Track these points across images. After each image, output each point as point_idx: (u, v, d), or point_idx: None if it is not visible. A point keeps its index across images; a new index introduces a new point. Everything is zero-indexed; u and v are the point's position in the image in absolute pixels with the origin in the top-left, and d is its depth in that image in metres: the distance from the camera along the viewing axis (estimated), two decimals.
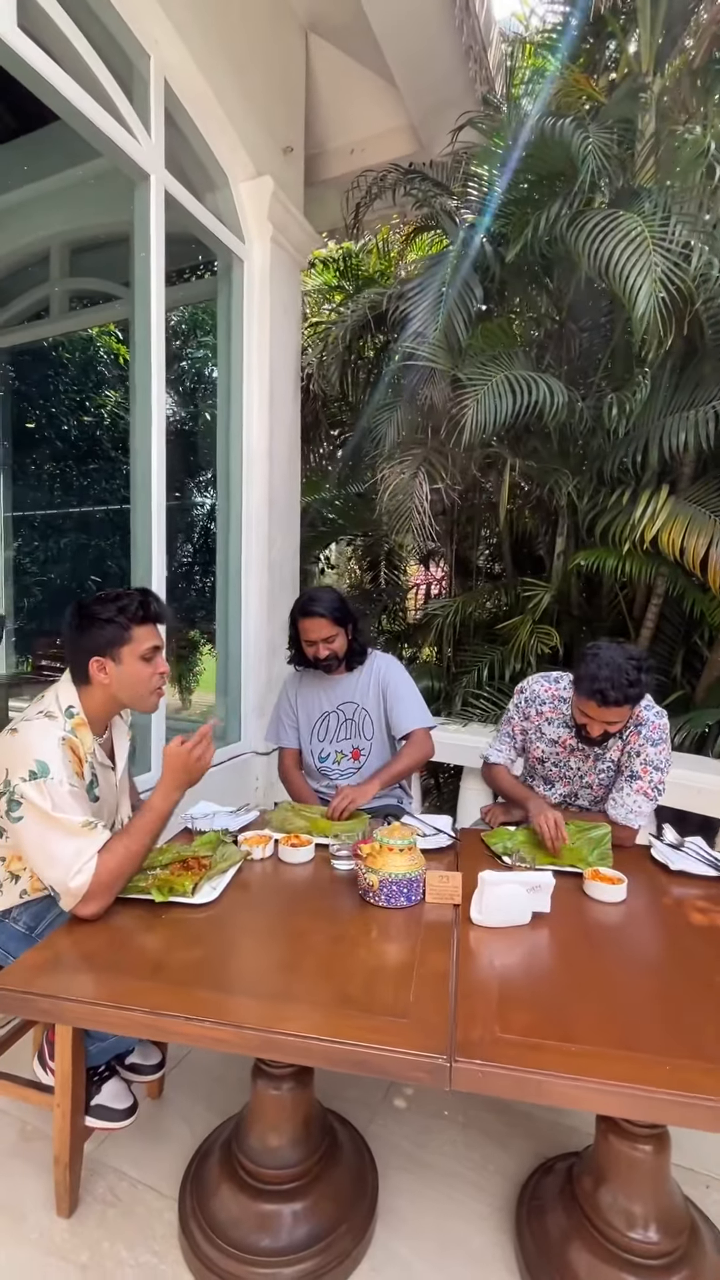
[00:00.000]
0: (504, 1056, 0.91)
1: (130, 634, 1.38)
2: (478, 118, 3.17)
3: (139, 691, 1.43)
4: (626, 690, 1.57)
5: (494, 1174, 1.57)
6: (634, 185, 2.51)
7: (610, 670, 1.57)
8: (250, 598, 3.40)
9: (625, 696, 1.57)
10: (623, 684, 1.56)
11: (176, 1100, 1.77)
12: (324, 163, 4.04)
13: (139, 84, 2.59)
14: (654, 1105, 0.85)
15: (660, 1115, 0.86)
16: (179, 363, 5.25)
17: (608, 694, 1.57)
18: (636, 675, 1.58)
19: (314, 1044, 0.94)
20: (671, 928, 1.31)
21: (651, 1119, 0.86)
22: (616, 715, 1.62)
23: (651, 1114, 0.86)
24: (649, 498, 2.80)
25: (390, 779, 1.98)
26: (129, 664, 1.39)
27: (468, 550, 4.61)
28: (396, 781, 2.04)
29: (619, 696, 1.57)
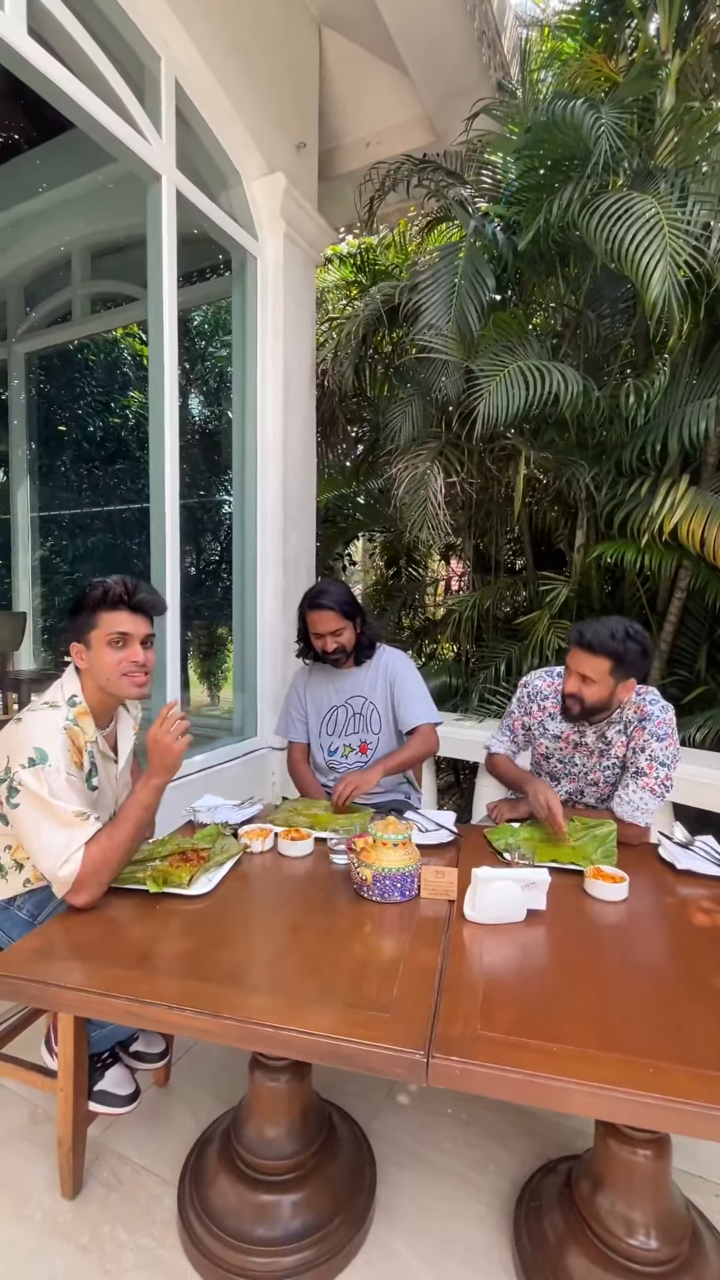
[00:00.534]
0: (483, 1054, 0.90)
1: (96, 619, 1.39)
2: (492, 105, 3.12)
3: (108, 676, 1.41)
4: (606, 640, 1.59)
5: (494, 1173, 1.55)
6: (650, 166, 2.44)
7: (600, 623, 1.63)
8: (266, 594, 3.42)
9: (601, 644, 1.60)
10: (604, 634, 1.60)
11: (182, 1089, 1.79)
12: (340, 157, 4.03)
13: (150, 85, 2.61)
14: (634, 1108, 0.83)
15: (640, 1118, 0.83)
16: (197, 361, 5.30)
17: (585, 634, 1.62)
18: (623, 636, 1.60)
19: (293, 1036, 0.94)
20: (673, 928, 1.27)
21: (631, 1122, 0.84)
22: (588, 664, 1.63)
23: (631, 1117, 0.83)
24: (668, 488, 2.73)
25: (393, 767, 1.97)
26: (97, 649, 1.40)
27: (488, 545, 4.56)
28: (400, 770, 2.02)
29: (594, 640, 1.60)
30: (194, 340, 5.22)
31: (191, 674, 5.89)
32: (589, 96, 2.47)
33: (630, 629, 1.63)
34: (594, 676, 1.64)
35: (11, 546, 5.02)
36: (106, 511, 5.63)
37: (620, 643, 1.60)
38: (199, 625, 5.80)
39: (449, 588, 5.54)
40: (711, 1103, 0.81)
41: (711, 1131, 0.82)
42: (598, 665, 1.63)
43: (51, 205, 3.98)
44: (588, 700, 1.68)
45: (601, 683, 1.65)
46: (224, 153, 3.01)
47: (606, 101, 2.41)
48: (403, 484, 3.34)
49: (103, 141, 2.41)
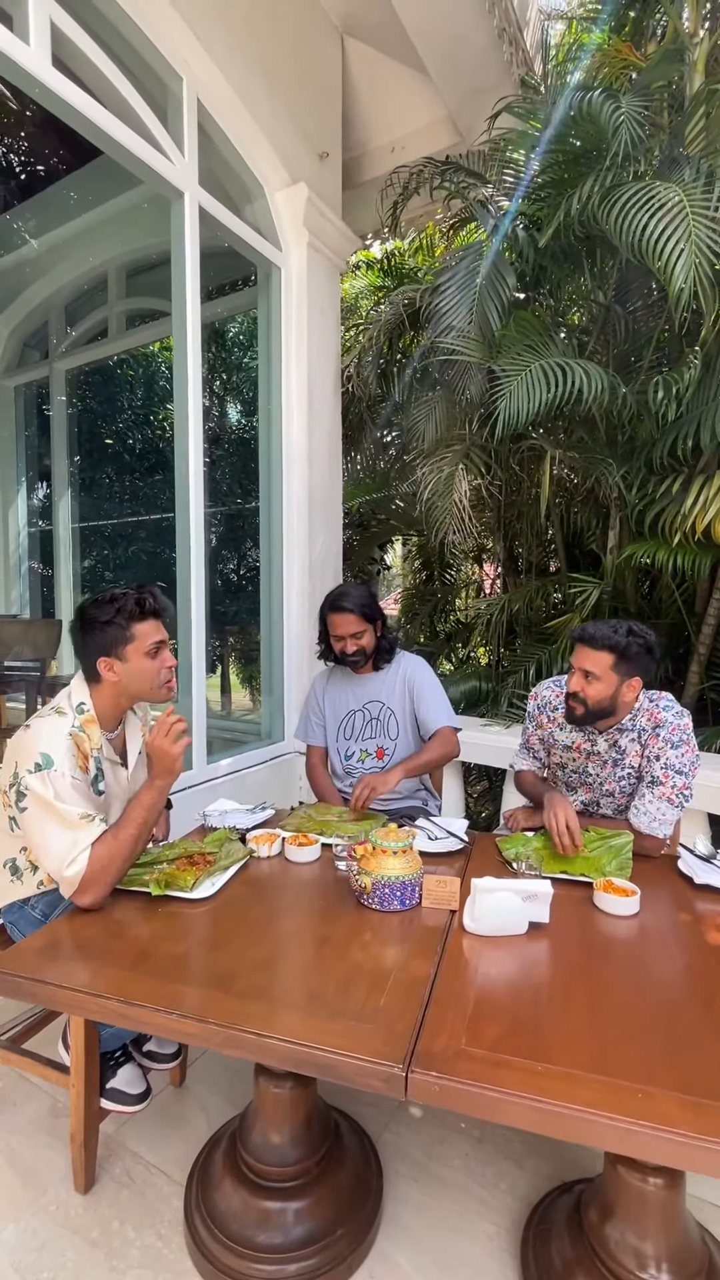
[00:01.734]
0: (463, 1070, 0.88)
1: (131, 632, 1.43)
2: (514, 102, 3.07)
3: (148, 684, 1.49)
4: (608, 634, 1.59)
5: (505, 1192, 1.51)
6: (675, 154, 2.36)
7: (601, 621, 1.65)
8: (292, 599, 3.45)
9: (603, 637, 1.60)
10: (606, 629, 1.61)
11: (197, 1089, 1.81)
12: (366, 163, 4.04)
13: (172, 105, 2.68)
14: (615, 1134, 0.79)
15: (622, 1145, 0.79)
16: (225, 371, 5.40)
17: (587, 629, 1.63)
18: (626, 632, 1.60)
19: (273, 1043, 0.94)
20: (683, 946, 1.22)
21: (613, 1149, 0.80)
22: (590, 660, 1.62)
23: (613, 1143, 0.79)
24: (701, 485, 2.62)
25: (414, 769, 1.95)
26: (135, 660, 1.44)
27: (519, 546, 4.48)
28: (421, 772, 2.00)
29: (595, 634, 1.61)
30: (221, 350, 5.32)
31: (220, 678, 5.99)
32: (611, 87, 2.40)
33: (633, 626, 1.61)
34: (596, 671, 1.62)
35: (54, 556, 5.21)
36: (144, 521, 5.79)
37: (623, 636, 1.59)
38: (227, 630, 5.90)
39: (480, 590, 5.47)
40: (698, 1133, 0.77)
41: (694, 1162, 0.77)
42: (600, 659, 1.61)
43: (88, 227, 4.14)
44: (591, 699, 1.64)
45: (605, 678, 1.62)
46: (246, 166, 3.06)
47: (628, 90, 2.34)
48: (428, 486, 3.31)
49: (126, 163, 2.48)
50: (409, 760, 1.94)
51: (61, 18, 2.17)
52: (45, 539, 5.31)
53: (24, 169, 4.07)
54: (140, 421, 5.85)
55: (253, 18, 2.86)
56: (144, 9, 2.44)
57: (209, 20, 2.62)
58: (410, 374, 3.75)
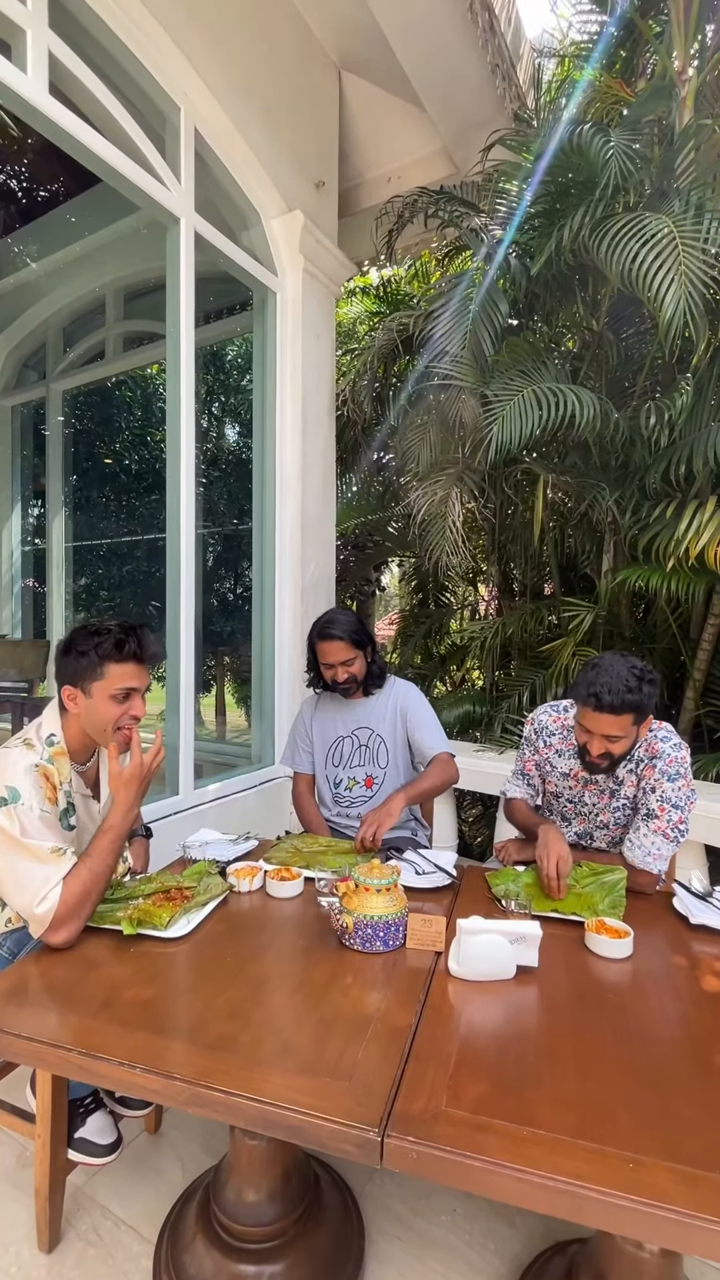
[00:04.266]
0: (443, 1135, 0.82)
1: (103, 670, 1.38)
2: (507, 135, 3.13)
3: (101, 727, 1.41)
4: (624, 696, 1.46)
5: (494, 1254, 1.43)
6: (664, 186, 2.39)
7: (609, 676, 1.49)
8: (284, 623, 3.42)
9: (623, 702, 1.46)
10: (620, 689, 1.47)
11: (173, 1136, 1.73)
12: (363, 193, 4.11)
13: (170, 134, 2.72)
14: (602, 1209, 0.73)
15: (610, 1223, 0.73)
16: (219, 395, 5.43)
17: (602, 697, 1.47)
18: (637, 683, 1.48)
19: (243, 1103, 0.88)
20: (678, 994, 1.16)
21: (601, 1226, 0.74)
22: (613, 725, 1.50)
23: (601, 1220, 0.74)
24: (694, 510, 2.61)
25: (414, 796, 1.87)
26: (98, 700, 1.39)
27: (514, 570, 4.47)
28: (421, 799, 1.93)
29: (614, 701, 1.46)
30: (216, 373, 5.36)
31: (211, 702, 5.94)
32: (602, 121, 2.44)
33: (639, 671, 1.51)
34: (620, 734, 1.53)
35: (47, 575, 5.18)
36: (139, 541, 5.78)
37: (637, 695, 1.48)
38: (219, 653, 5.86)
39: (475, 614, 5.45)
40: (693, 1210, 0.72)
41: (690, 1243, 0.71)
42: (621, 723, 1.51)
43: (87, 251, 4.18)
44: (617, 755, 1.57)
45: (628, 736, 1.55)
46: (243, 193, 3.10)
47: (619, 124, 2.38)
48: (422, 509, 3.31)
49: (123, 189, 2.51)
50: (409, 787, 1.88)
51: (60, 48, 2.20)
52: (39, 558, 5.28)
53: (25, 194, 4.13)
54: (136, 442, 5.87)
55: (251, 51, 2.92)
56: (142, 41, 2.48)
57: (207, 53, 2.67)
58: (404, 398, 3.77)
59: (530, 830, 1.75)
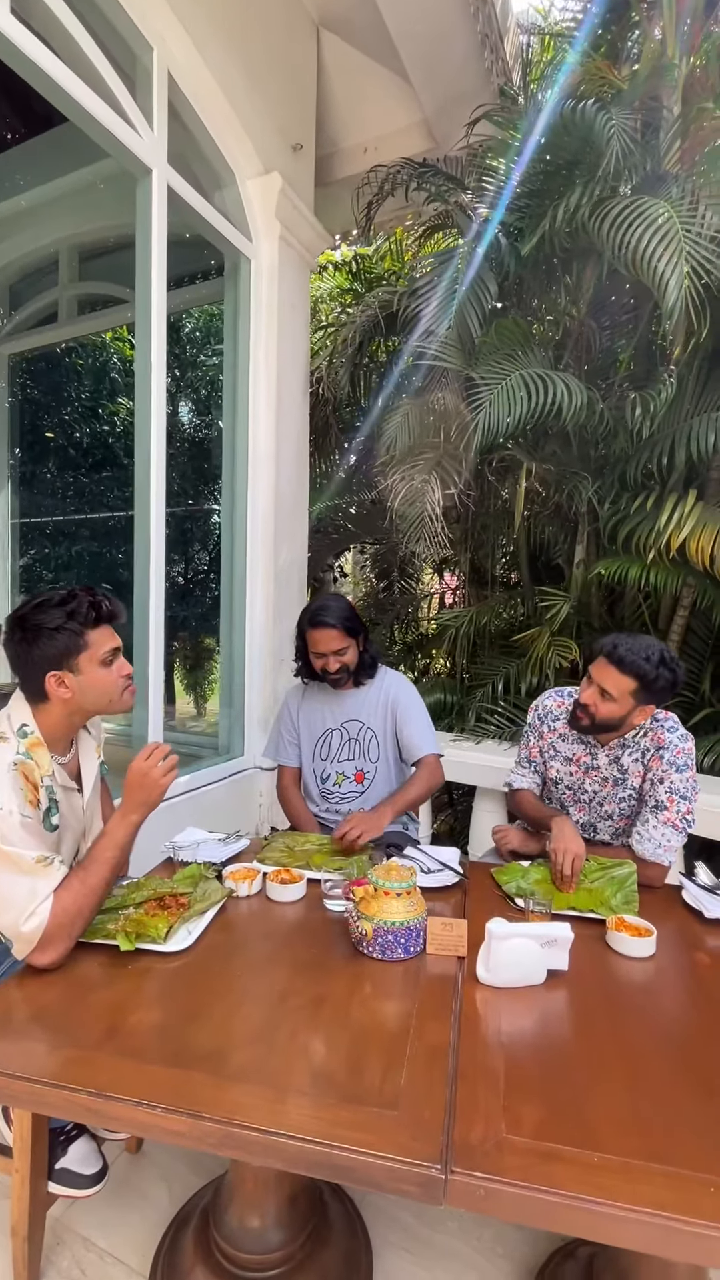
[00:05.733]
0: (510, 1168, 0.75)
1: (85, 639, 1.25)
2: (494, 110, 3.04)
3: (107, 696, 1.31)
4: (636, 658, 1.49)
5: (503, 1258, 1.39)
6: (660, 171, 2.36)
7: (636, 640, 1.53)
8: (255, 607, 3.28)
9: (631, 662, 1.49)
10: (639, 651, 1.50)
11: (157, 1156, 1.62)
12: (337, 162, 3.94)
13: (141, 77, 2.51)
14: (698, 1244, 0.68)
15: (706, 1257, 0.69)
16: (187, 366, 5.18)
17: (618, 647, 1.52)
18: (657, 657, 1.50)
19: (284, 1143, 0.79)
20: (709, 995, 1.14)
21: (694, 1260, 0.70)
22: (612, 680, 1.52)
23: (694, 1254, 0.69)
24: (675, 503, 2.63)
25: (403, 807, 1.84)
26: (90, 672, 1.26)
27: (483, 558, 4.45)
28: (409, 809, 1.89)
29: (624, 655, 1.50)
30: (184, 344, 5.10)
31: (175, 689, 5.72)
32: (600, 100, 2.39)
33: (666, 654, 1.52)
34: (614, 693, 1.54)
35: None
36: (91, 519, 5.47)
37: (653, 666, 1.49)
38: (184, 638, 5.64)
39: (443, 602, 5.43)
40: None
41: None
42: (621, 683, 1.52)
43: (38, 203, 3.85)
44: (599, 716, 1.57)
45: (621, 701, 1.54)
46: (218, 150, 2.91)
47: (616, 103, 2.33)
48: (399, 495, 3.22)
49: (90, 131, 2.29)
50: (397, 797, 1.82)
51: None
52: None
53: None
54: (88, 414, 5.54)
55: None
56: None
57: None
58: (384, 379, 3.66)
59: (541, 823, 1.71)
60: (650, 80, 2.52)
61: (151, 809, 1.27)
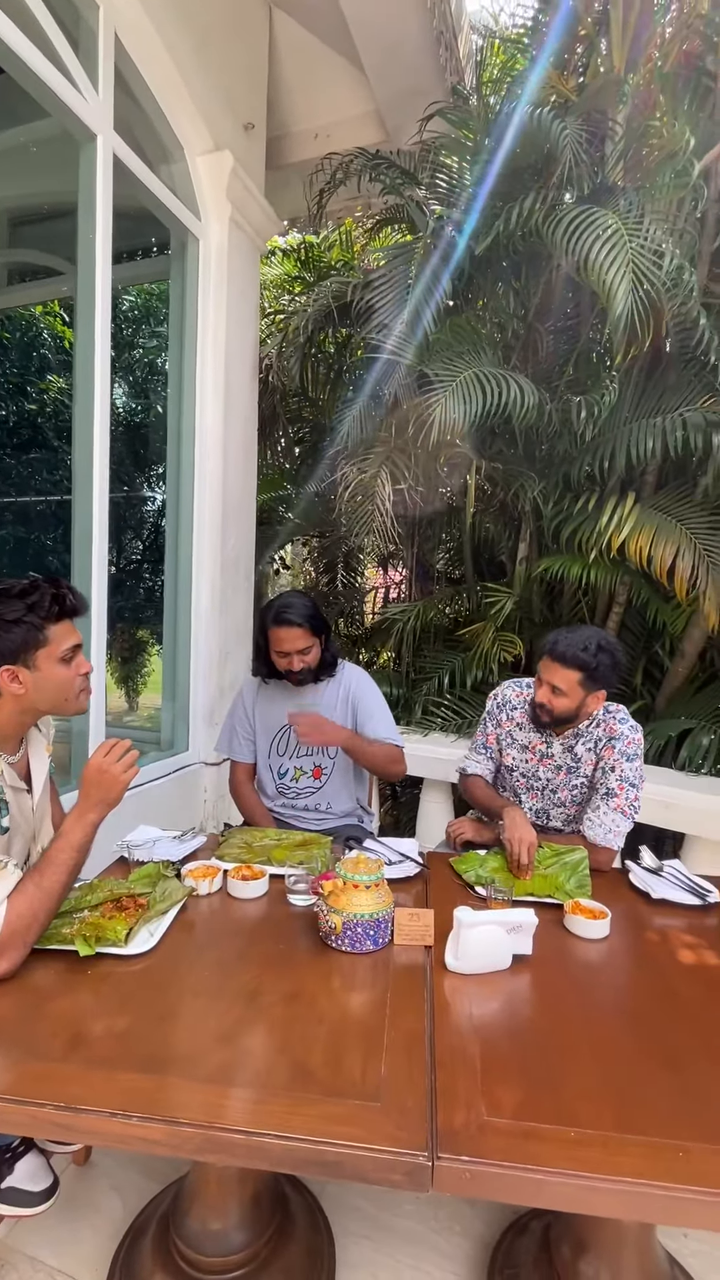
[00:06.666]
0: (494, 1149, 0.77)
1: (45, 635, 1.18)
2: (447, 108, 3.07)
3: (63, 696, 1.25)
4: (576, 652, 1.58)
5: (460, 1235, 1.43)
6: (608, 183, 2.45)
7: (573, 634, 1.62)
8: (201, 598, 3.20)
9: (572, 656, 1.58)
10: (576, 646, 1.58)
11: (106, 1165, 1.56)
12: (287, 146, 3.87)
13: (86, 37, 2.37)
14: (670, 1205, 0.72)
15: (679, 1217, 0.73)
16: (129, 348, 4.97)
17: (558, 646, 1.60)
18: (594, 647, 1.59)
19: (269, 1143, 0.78)
20: (662, 970, 1.20)
21: (669, 1222, 0.74)
22: (559, 676, 1.60)
23: (669, 1216, 0.73)
24: (615, 505, 2.75)
25: (360, 748, 1.87)
26: (47, 669, 1.19)
27: (429, 553, 4.51)
28: (360, 759, 1.89)
29: (565, 653, 1.58)
30: (126, 323, 4.88)
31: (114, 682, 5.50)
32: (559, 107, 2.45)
33: (603, 640, 1.61)
34: (564, 688, 1.61)
35: None
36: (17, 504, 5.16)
37: (592, 655, 1.58)
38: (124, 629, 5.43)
39: (387, 596, 5.47)
40: None
41: None
42: (568, 677, 1.60)
43: None
44: (557, 711, 1.65)
45: (571, 694, 1.62)
46: (167, 122, 2.79)
47: (565, 113, 2.39)
48: (348, 489, 3.21)
49: (32, 89, 2.15)
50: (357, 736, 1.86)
51: None
52: None
53: None
54: (15, 392, 5.21)
55: None
56: None
57: None
58: (334, 370, 3.64)
59: (491, 811, 1.76)
60: (599, 94, 2.60)
61: (111, 807, 1.21)
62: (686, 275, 2.30)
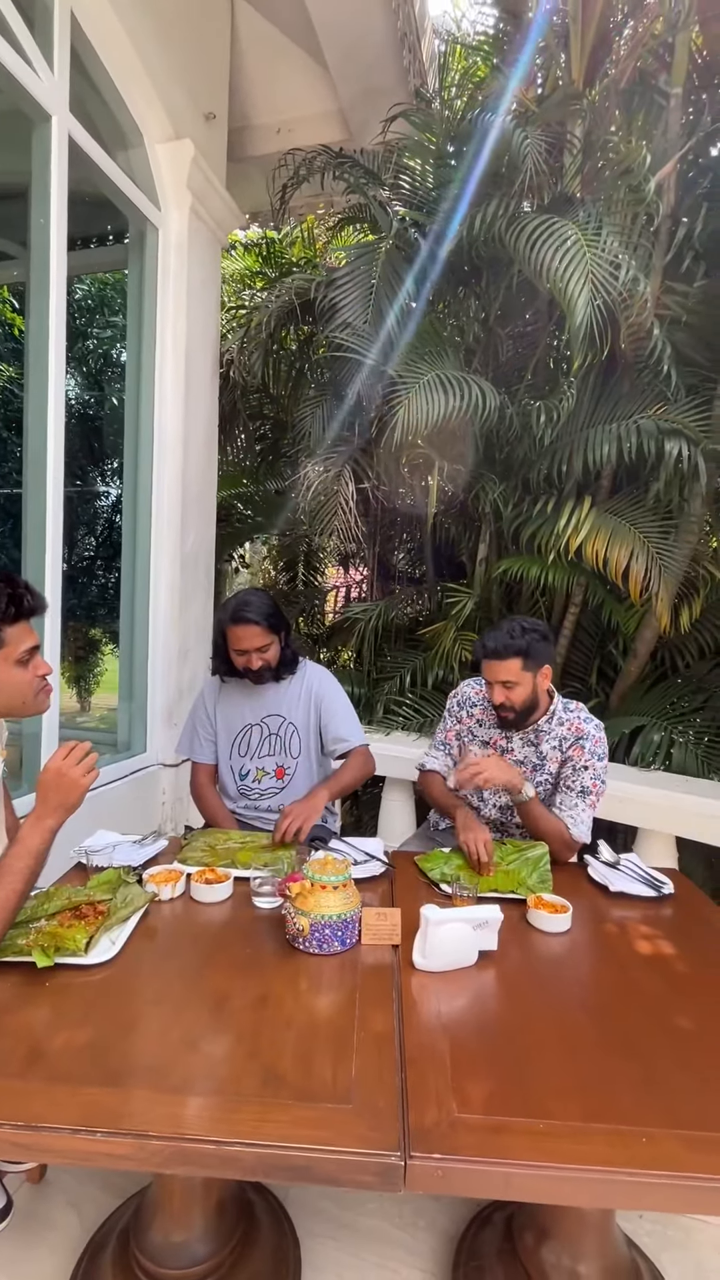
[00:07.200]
0: (465, 1145, 0.78)
1: (1, 637, 1.14)
2: (410, 110, 3.08)
3: (20, 699, 1.21)
4: (506, 641, 1.64)
5: (425, 1230, 1.44)
6: (567, 193, 2.50)
7: (497, 630, 1.69)
8: (160, 595, 3.13)
9: (505, 646, 1.64)
10: (503, 637, 1.66)
11: (63, 1181, 1.51)
12: (248, 138, 3.82)
13: (42, 15, 2.28)
14: (636, 1190, 0.75)
15: (645, 1202, 0.76)
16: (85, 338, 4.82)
17: (488, 644, 1.67)
18: (520, 632, 1.66)
19: (239, 1152, 0.77)
20: (620, 960, 1.24)
21: (636, 1207, 0.76)
22: (502, 670, 1.66)
23: (636, 1201, 0.75)
24: (572, 508, 2.82)
25: (338, 790, 1.84)
26: (3, 671, 1.15)
27: (390, 553, 4.53)
28: (344, 793, 1.88)
29: (497, 646, 1.65)
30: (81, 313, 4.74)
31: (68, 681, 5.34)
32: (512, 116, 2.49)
33: (524, 623, 1.69)
34: (513, 678, 1.67)
35: None
36: None
37: (520, 637, 1.66)
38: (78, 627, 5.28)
39: (348, 595, 5.47)
40: (710, 1174, 0.75)
41: (707, 1206, 0.75)
42: (510, 667, 1.66)
43: None
44: (518, 704, 1.70)
45: (521, 682, 1.68)
46: (125, 107, 2.72)
47: (531, 123, 2.44)
48: (312, 487, 3.20)
49: None
50: (332, 782, 1.82)
51: None
52: None
53: None
54: None
55: None
56: None
57: None
58: (295, 368, 3.61)
59: (446, 810, 1.79)
60: (558, 106, 2.66)
61: (70, 812, 1.17)
62: (641, 287, 2.37)
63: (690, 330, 2.81)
